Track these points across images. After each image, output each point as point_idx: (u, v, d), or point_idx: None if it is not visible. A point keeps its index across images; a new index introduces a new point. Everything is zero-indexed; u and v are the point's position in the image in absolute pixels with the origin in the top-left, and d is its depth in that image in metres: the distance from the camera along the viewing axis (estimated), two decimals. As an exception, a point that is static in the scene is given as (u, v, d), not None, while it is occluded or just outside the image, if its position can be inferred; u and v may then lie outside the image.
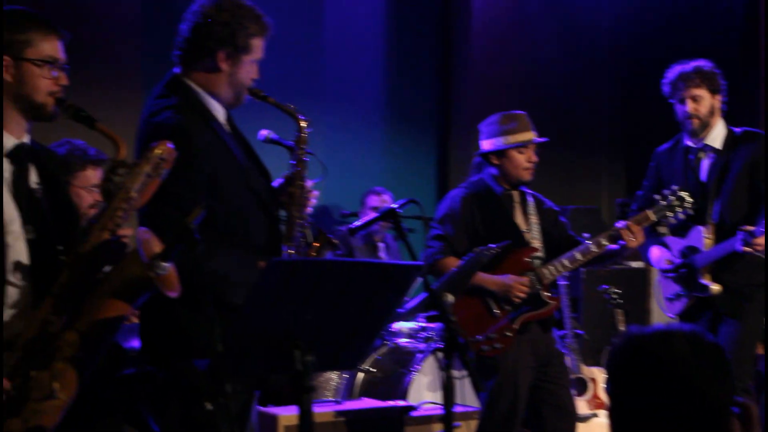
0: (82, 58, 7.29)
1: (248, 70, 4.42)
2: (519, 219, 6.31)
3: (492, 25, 10.95)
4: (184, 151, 3.99)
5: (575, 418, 6.42)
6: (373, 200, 9.45)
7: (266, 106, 4.55)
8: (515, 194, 6.35)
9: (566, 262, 6.19)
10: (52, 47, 3.80)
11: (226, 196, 4.28)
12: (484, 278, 6.08)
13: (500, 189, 6.30)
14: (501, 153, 6.26)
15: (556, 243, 6.33)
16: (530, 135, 6.27)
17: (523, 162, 6.24)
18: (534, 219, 6.33)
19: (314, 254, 4.54)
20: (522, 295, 6.08)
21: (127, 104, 8.09)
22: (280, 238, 4.48)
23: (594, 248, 6.15)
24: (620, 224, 6.14)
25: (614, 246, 6.15)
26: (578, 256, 6.17)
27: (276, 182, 4.60)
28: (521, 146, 6.23)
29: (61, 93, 3.81)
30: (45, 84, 3.78)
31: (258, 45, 4.41)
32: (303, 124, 4.58)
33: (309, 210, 4.56)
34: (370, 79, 10.67)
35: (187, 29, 4.38)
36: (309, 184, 4.57)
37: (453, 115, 11.00)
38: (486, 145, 6.32)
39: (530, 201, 6.38)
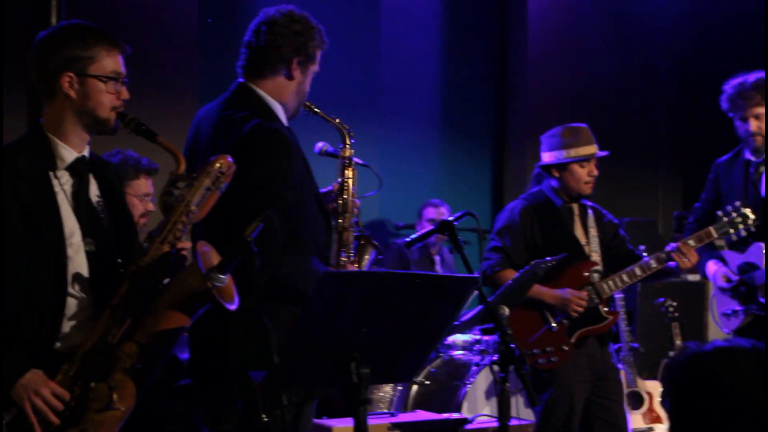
0: (140, 70, 7.36)
1: (309, 82, 4.54)
2: (578, 232, 6.27)
3: (547, 38, 10.92)
4: (287, 153, 4.22)
5: (626, 434, 6.38)
6: (431, 212, 9.44)
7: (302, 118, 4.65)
8: (575, 207, 6.31)
9: (625, 278, 6.14)
10: (115, 62, 3.84)
11: (307, 203, 4.38)
12: (542, 291, 6.06)
13: (560, 201, 6.27)
14: (562, 166, 6.23)
15: (615, 257, 6.29)
16: (592, 149, 6.23)
17: (584, 176, 6.19)
18: (593, 232, 6.29)
19: (357, 257, 4.69)
20: (580, 309, 6.05)
21: (184, 117, 8.14)
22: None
23: (654, 264, 6.11)
24: (671, 246, 6.10)
25: (672, 263, 6.10)
26: (638, 271, 6.13)
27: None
28: (583, 160, 6.20)
29: (122, 107, 3.84)
30: (108, 99, 3.81)
31: (318, 57, 4.54)
32: (347, 135, 4.71)
33: (354, 218, 4.69)
34: (425, 91, 10.67)
35: (259, 39, 4.47)
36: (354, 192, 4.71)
37: (508, 127, 10.98)
38: (547, 157, 6.28)
39: (590, 214, 6.34)
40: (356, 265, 4.67)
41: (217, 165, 3.82)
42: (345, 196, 4.64)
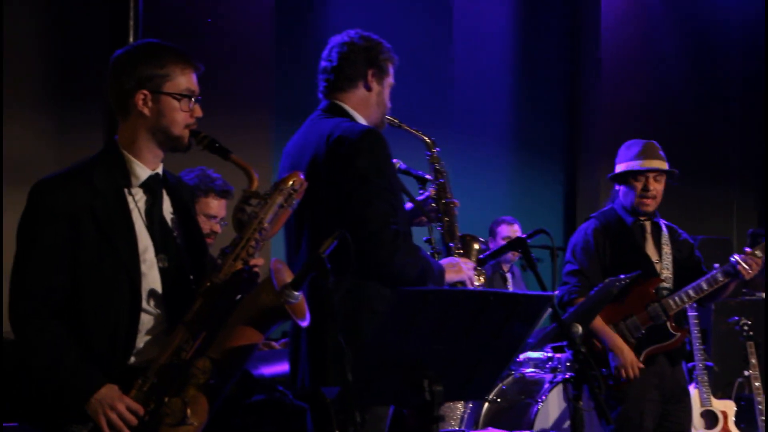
0: (215, 88, 7.41)
1: (387, 94, 4.78)
2: (650, 249, 6.21)
3: (620, 55, 10.87)
4: (384, 149, 4.50)
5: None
6: (504, 230, 9.42)
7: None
8: (647, 225, 6.25)
9: (692, 293, 6.08)
10: (189, 81, 3.87)
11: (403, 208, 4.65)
12: (606, 332, 6.03)
13: (630, 219, 6.21)
14: (620, 180, 6.20)
15: (689, 276, 6.21)
16: (647, 163, 6.14)
17: (638, 189, 6.13)
18: (667, 249, 6.23)
19: (460, 252, 4.96)
20: (630, 375, 6.00)
21: (258, 135, 8.21)
22: None
23: (720, 277, 6.04)
24: (734, 259, 6.02)
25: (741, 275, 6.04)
26: (704, 285, 6.06)
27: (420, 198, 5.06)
28: (638, 173, 6.14)
29: (195, 125, 3.87)
30: (182, 117, 3.84)
31: (391, 71, 4.78)
32: (432, 144, 5.06)
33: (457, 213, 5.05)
34: (498, 109, 10.66)
35: (333, 60, 4.73)
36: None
37: (581, 144, 10.93)
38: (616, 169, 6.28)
39: (665, 232, 6.27)
40: (471, 259, 4.95)
41: (290, 182, 3.86)
42: (444, 200, 4.98)
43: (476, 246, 5.03)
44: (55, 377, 3.65)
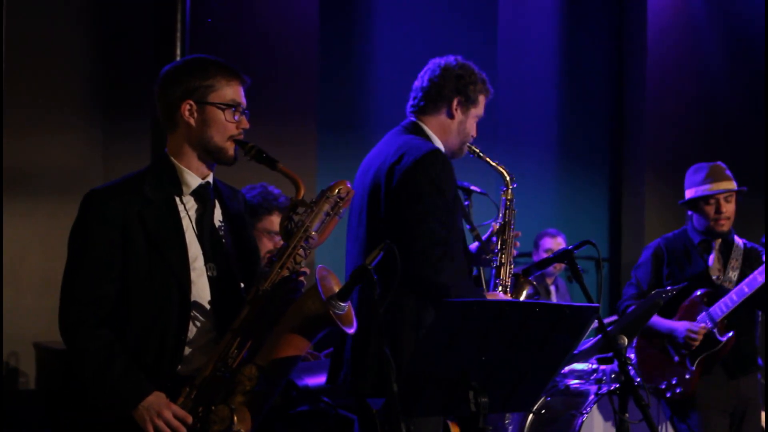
0: (261, 101, 7.44)
1: (472, 124, 4.87)
2: (715, 265, 6.21)
3: (666, 65, 10.81)
4: (450, 175, 4.59)
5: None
6: (548, 242, 9.39)
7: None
8: (716, 242, 6.26)
9: (734, 296, 6.07)
10: (234, 92, 3.90)
11: (458, 232, 4.67)
12: (657, 323, 6.05)
13: (698, 238, 6.25)
14: (691, 204, 6.22)
15: (759, 293, 6.17)
16: (715, 186, 6.16)
17: (711, 213, 6.15)
18: (735, 264, 6.21)
19: (514, 293, 5.04)
20: (694, 341, 5.99)
21: (303, 145, 8.23)
22: None
23: (759, 277, 6.01)
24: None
25: None
26: (745, 288, 6.05)
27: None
28: (708, 197, 6.15)
29: (241, 136, 3.90)
30: (227, 127, 3.87)
31: (482, 102, 4.90)
32: (511, 179, 5.23)
33: (515, 253, 5.08)
34: (542, 121, 10.63)
35: (424, 81, 4.86)
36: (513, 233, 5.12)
37: (626, 156, 10.88)
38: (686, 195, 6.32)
39: (739, 249, 6.25)
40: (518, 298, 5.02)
41: (336, 190, 3.87)
42: (505, 237, 5.02)
43: (527, 288, 5.13)
44: (102, 385, 3.68)
